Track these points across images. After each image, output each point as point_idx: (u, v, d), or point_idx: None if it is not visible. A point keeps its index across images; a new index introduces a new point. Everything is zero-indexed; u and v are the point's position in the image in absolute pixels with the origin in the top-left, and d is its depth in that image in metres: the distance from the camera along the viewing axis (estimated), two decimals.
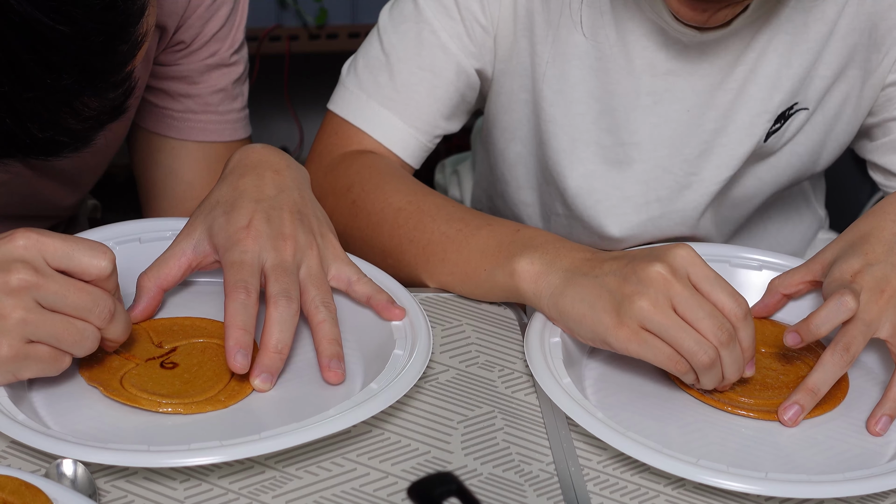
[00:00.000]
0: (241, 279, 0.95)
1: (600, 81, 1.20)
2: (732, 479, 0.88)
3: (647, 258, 0.96)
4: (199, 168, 1.22)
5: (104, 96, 0.86)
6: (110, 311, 0.89)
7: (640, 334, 0.94)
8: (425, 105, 1.21)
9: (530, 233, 1.05)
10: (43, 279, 0.87)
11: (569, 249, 1.02)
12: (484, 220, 1.09)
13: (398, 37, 1.20)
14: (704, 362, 0.93)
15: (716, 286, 0.94)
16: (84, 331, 0.89)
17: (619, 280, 0.95)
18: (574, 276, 0.99)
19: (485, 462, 0.92)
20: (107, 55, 0.84)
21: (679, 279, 0.94)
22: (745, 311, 0.94)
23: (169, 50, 1.17)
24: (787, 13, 1.16)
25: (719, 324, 0.93)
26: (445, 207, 1.11)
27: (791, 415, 0.97)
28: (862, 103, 1.23)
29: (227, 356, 0.93)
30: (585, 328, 0.97)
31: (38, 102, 0.83)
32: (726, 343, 0.93)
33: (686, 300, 0.93)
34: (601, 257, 0.99)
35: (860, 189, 1.80)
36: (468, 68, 1.21)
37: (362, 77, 1.22)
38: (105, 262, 0.89)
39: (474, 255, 1.06)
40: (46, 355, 0.89)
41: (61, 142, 0.87)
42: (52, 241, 0.88)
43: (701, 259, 0.95)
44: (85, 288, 0.88)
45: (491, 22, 1.20)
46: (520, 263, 1.02)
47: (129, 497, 0.86)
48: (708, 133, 1.21)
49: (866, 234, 1.04)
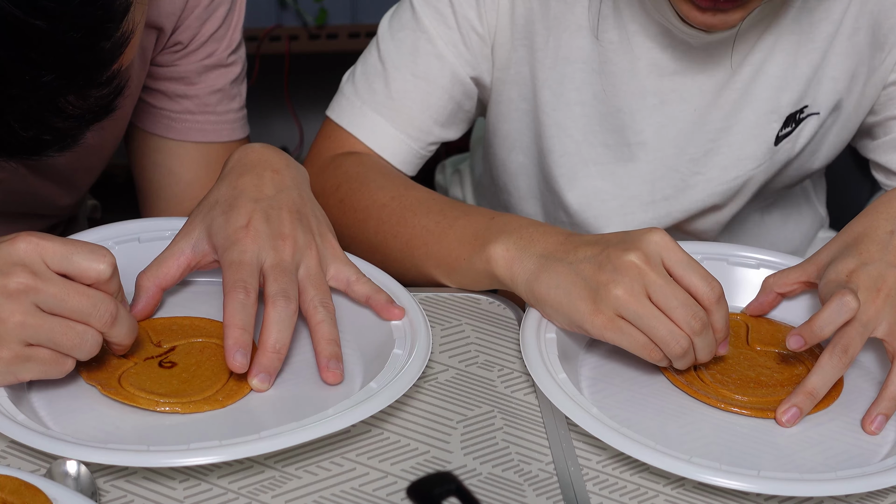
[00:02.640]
0: (240, 279, 0.95)
1: (604, 83, 1.20)
2: (728, 476, 0.88)
3: (621, 245, 0.97)
4: (197, 168, 1.22)
5: (88, 95, 0.85)
6: (112, 315, 0.89)
7: (616, 322, 0.96)
8: (418, 112, 1.22)
9: (505, 219, 1.06)
10: (42, 283, 0.86)
11: (542, 233, 1.03)
12: (462, 210, 1.10)
13: (395, 44, 1.21)
14: (677, 352, 0.95)
15: (689, 270, 0.96)
16: (84, 334, 0.88)
17: (594, 267, 0.97)
18: (548, 260, 1.00)
19: (484, 462, 0.93)
20: (88, 52, 0.83)
21: (653, 267, 0.95)
22: (719, 295, 0.96)
23: (166, 51, 1.17)
24: (792, 13, 1.16)
25: (692, 312, 0.95)
26: (427, 202, 1.12)
27: (789, 417, 0.97)
28: (864, 101, 1.23)
29: (227, 356, 0.93)
30: (561, 315, 0.99)
31: (21, 101, 0.82)
32: (699, 331, 0.95)
33: (660, 289, 0.95)
34: (574, 241, 1.00)
35: (860, 188, 1.79)
36: (464, 77, 1.22)
37: (359, 85, 1.23)
38: (104, 265, 0.88)
39: (453, 245, 1.08)
40: (47, 358, 0.88)
41: (45, 140, 0.86)
42: (51, 245, 0.87)
43: (674, 243, 0.97)
44: (85, 291, 0.88)
45: (488, 30, 1.20)
46: (495, 249, 1.03)
47: (129, 497, 0.86)
48: (714, 132, 1.21)
49: (860, 234, 1.04)
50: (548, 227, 1.04)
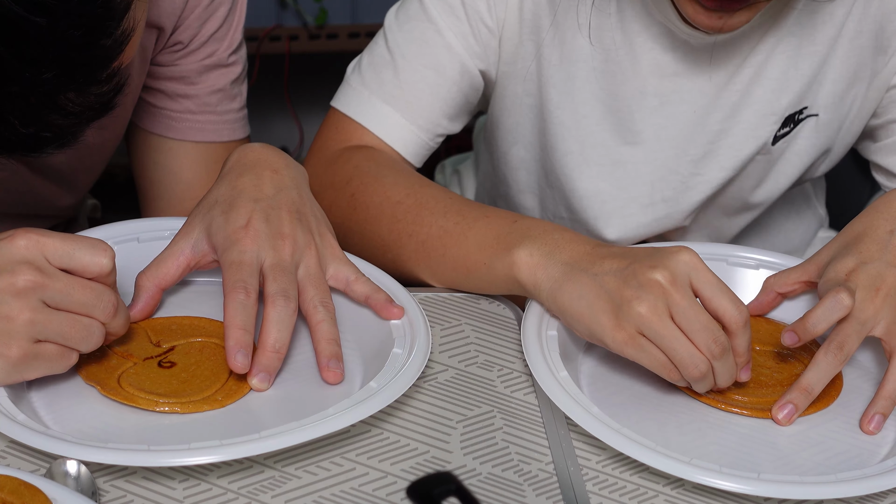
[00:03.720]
0: (240, 279, 0.95)
1: (606, 83, 1.20)
2: (728, 479, 0.88)
3: (648, 261, 0.95)
4: (197, 168, 1.22)
5: (88, 92, 0.85)
6: (114, 306, 0.91)
7: (637, 339, 0.94)
8: (428, 103, 1.20)
9: (527, 222, 1.05)
10: (48, 279, 0.87)
11: (568, 241, 1.01)
12: (481, 211, 1.08)
13: (403, 35, 1.20)
14: (695, 375, 0.94)
15: (717, 292, 0.94)
16: (90, 326, 0.90)
17: (618, 282, 0.95)
18: (573, 270, 0.99)
19: (484, 462, 0.93)
20: (88, 50, 0.83)
21: (678, 287, 0.93)
22: (745, 320, 0.95)
23: (167, 50, 1.17)
24: (795, 16, 1.16)
25: (713, 337, 0.93)
26: (443, 200, 1.11)
27: (785, 414, 0.97)
28: (866, 105, 1.23)
29: (228, 356, 0.93)
30: (583, 326, 0.97)
31: (21, 98, 0.82)
32: (719, 356, 0.94)
33: (683, 311, 0.93)
34: (601, 253, 0.99)
35: (860, 189, 1.79)
36: (472, 69, 1.21)
37: (366, 75, 1.21)
38: (106, 259, 0.90)
39: (472, 248, 1.06)
40: (55, 353, 0.90)
41: (45, 137, 0.87)
42: (52, 241, 0.88)
43: (703, 264, 0.95)
44: (88, 284, 0.89)
45: (497, 23, 1.20)
46: (518, 255, 1.02)
47: (129, 497, 0.86)
48: (713, 133, 1.21)
49: (860, 233, 1.04)
50: (573, 233, 1.02)
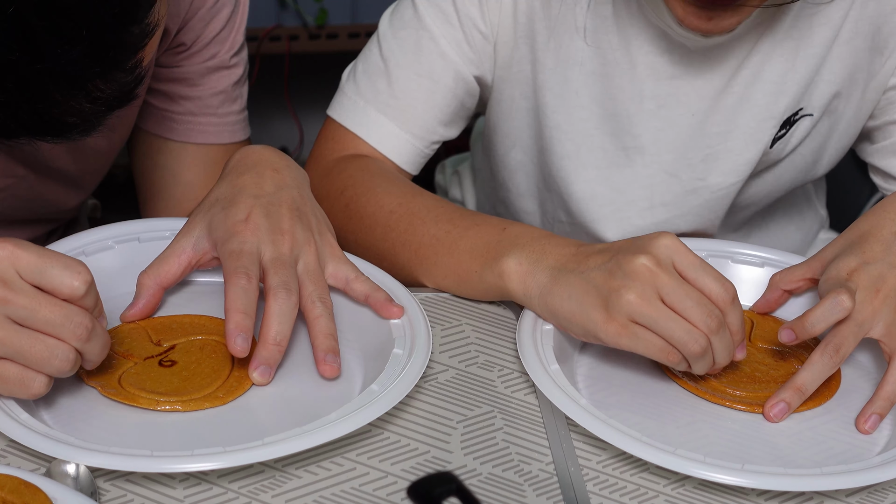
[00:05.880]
0: (241, 265, 0.95)
1: (603, 86, 1.19)
2: (727, 472, 0.89)
3: (630, 250, 0.96)
4: (198, 170, 1.22)
5: (113, 78, 0.85)
6: (86, 328, 0.85)
7: (630, 328, 0.94)
8: (423, 111, 1.21)
9: (517, 230, 1.05)
10: (12, 293, 0.83)
11: (554, 245, 1.02)
12: (472, 219, 1.09)
13: (397, 43, 1.20)
14: (696, 351, 0.93)
15: (701, 272, 0.95)
16: (54, 348, 0.84)
17: (604, 275, 0.96)
18: (561, 273, 0.99)
19: (484, 462, 0.93)
20: (118, 33, 0.83)
21: (664, 269, 0.94)
22: (733, 296, 0.95)
23: (170, 52, 1.17)
24: (790, 18, 1.16)
25: (708, 311, 0.93)
26: (435, 208, 1.11)
27: (777, 412, 0.97)
28: (864, 106, 1.23)
29: (227, 339, 0.93)
30: (576, 325, 0.98)
31: (49, 77, 0.81)
32: (716, 330, 0.94)
33: (674, 290, 0.93)
34: (586, 251, 1.00)
35: (860, 189, 1.80)
36: (467, 75, 1.21)
37: (361, 83, 1.22)
38: (77, 282, 0.84)
39: (464, 256, 1.06)
40: (14, 375, 0.85)
41: (70, 123, 0.85)
42: (26, 255, 0.83)
43: (684, 246, 0.95)
44: (57, 303, 0.84)
45: (491, 29, 1.19)
46: (507, 264, 1.02)
47: (129, 496, 0.86)
48: (713, 137, 1.21)
49: (865, 232, 1.04)
50: (560, 238, 1.03)
